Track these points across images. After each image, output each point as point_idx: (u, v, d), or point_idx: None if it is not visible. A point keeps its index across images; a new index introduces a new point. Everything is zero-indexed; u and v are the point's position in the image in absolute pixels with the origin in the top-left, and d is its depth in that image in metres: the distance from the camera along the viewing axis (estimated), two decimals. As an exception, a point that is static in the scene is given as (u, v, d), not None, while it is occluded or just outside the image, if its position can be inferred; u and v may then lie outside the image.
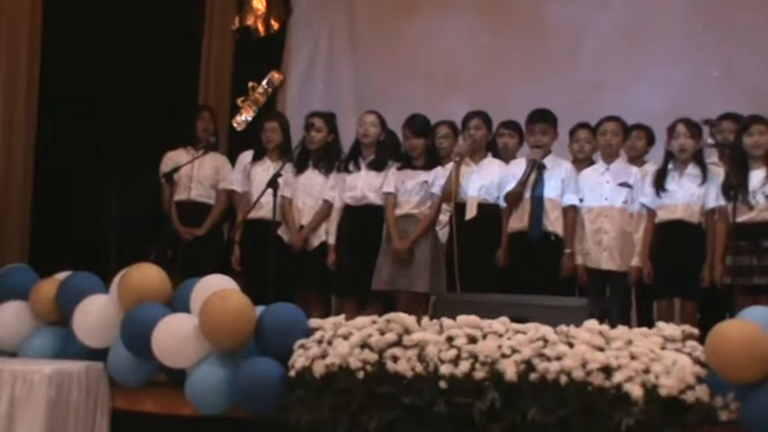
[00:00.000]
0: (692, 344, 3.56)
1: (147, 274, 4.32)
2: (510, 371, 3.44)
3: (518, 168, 5.35)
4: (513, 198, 5.27)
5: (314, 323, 3.94)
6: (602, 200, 5.35)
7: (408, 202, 5.38)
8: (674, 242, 5.06)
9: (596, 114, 5.65)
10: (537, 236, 5.20)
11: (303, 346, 3.82)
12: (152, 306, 4.18)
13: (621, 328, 3.62)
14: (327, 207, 5.61)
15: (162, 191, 5.96)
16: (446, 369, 3.51)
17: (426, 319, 3.80)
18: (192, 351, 4.00)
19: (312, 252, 5.59)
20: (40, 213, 6.62)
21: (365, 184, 5.50)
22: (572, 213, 5.30)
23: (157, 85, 6.78)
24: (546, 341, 3.51)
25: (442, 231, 5.52)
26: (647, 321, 4.98)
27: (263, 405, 3.84)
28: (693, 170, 5.11)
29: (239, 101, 7.55)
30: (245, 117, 7.52)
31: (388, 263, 5.30)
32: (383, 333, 3.69)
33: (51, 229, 6.51)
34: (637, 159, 5.65)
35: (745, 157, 4.92)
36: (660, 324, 3.73)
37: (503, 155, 5.61)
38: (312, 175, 5.69)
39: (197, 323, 3.99)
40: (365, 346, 3.66)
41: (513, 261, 5.26)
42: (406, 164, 5.48)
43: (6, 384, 3.83)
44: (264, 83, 7.60)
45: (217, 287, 4.09)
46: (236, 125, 7.51)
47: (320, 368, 3.67)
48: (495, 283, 5.08)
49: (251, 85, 7.59)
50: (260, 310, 4.05)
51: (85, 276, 4.56)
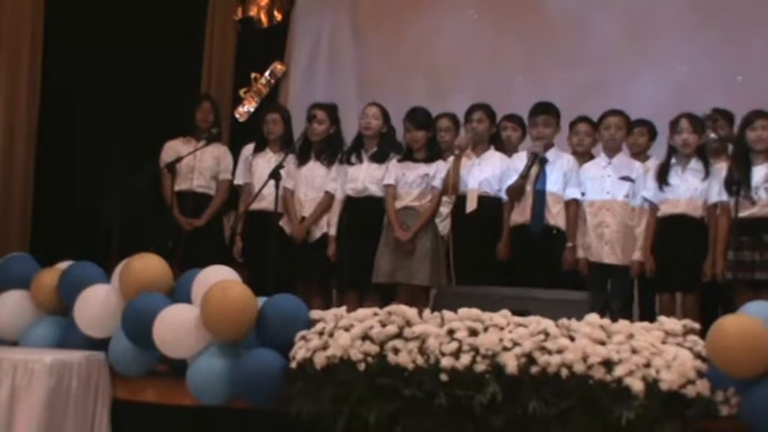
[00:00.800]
0: (693, 338, 3.57)
1: (149, 265, 4.32)
2: (511, 364, 3.44)
3: (520, 162, 5.35)
4: (515, 192, 5.28)
5: (315, 315, 3.94)
6: (603, 194, 5.35)
7: (409, 195, 5.37)
8: (676, 236, 5.05)
9: (599, 108, 5.62)
10: (538, 229, 5.21)
11: (304, 338, 3.82)
12: (153, 296, 4.18)
13: (623, 322, 3.63)
14: (329, 199, 5.60)
15: (162, 181, 5.96)
16: (447, 362, 3.51)
17: (427, 312, 3.80)
18: (193, 342, 4.00)
19: (313, 244, 5.58)
20: (42, 202, 6.64)
21: (367, 176, 5.50)
22: (574, 207, 5.31)
23: (160, 76, 6.76)
24: (547, 334, 3.51)
25: (444, 223, 5.52)
26: (648, 315, 4.99)
27: (263, 396, 3.84)
28: (696, 165, 5.10)
29: (241, 92, 7.53)
30: (247, 108, 7.50)
31: (387, 255, 5.29)
32: (384, 325, 3.69)
33: (53, 218, 6.52)
34: (639, 155, 5.64)
35: (747, 153, 4.91)
36: (661, 318, 3.74)
37: (506, 148, 5.61)
38: (314, 167, 5.67)
39: (198, 314, 3.98)
40: (366, 337, 3.66)
41: (515, 254, 5.27)
42: (408, 156, 5.47)
43: (7, 373, 3.83)
44: (267, 74, 7.58)
45: (218, 278, 4.08)
46: (238, 116, 7.49)
47: (321, 360, 3.67)
48: (496, 276, 5.09)
49: (253, 76, 7.56)
50: (261, 301, 4.05)
51: (87, 266, 4.56)
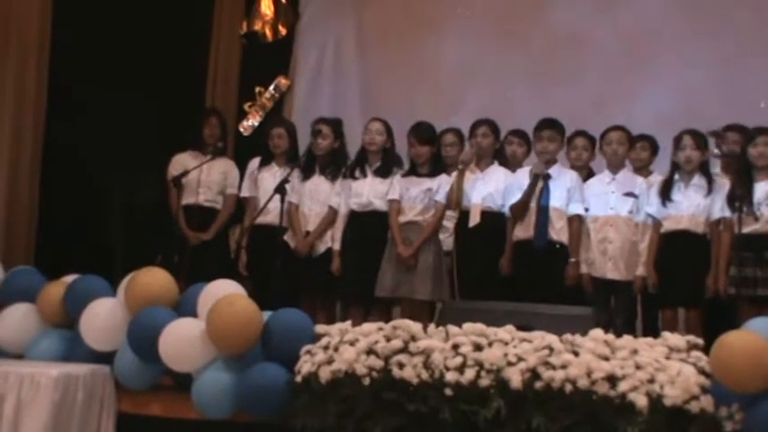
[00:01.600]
0: (696, 354, 3.58)
1: (155, 278, 4.34)
2: (515, 379, 3.46)
3: (524, 177, 5.37)
4: (519, 210, 5.29)
5: (320, 329, 3.96)
6: (607, 209, 5.36)
7: (412, 209, 5.38)
8: (679, 252, 5.06)
9: (602, 124, 5.64)
10: (542, 245, 5.22)
11: (309, 352, 3.83)
12: (159, 310, 4.20)
13: (626, 338, 3.64)
14: (333, 213, 5.62)
15: (169, 194, 5.97)
16: (452, 376, 3.53)
17: (432, 327, 3.80)
18: (199, 355, 4.01)
19: (318, 258, 5.59)
20: (48, 216, 6.65)
21: (371, 191, 5.51)
22: (577, 222, 5.32)
23: (165, 90, 6.80)
24: (551, 350, 3.52)
25: (450, 239, 5.53)
26: (652, 331, 5.00)
27: (268, 410, 3.85)
28: (699, 181, 5.11)
29: (246, 106, 7.57)
30: (251, 122, 7.53)
31: (390, 270, 5.30)
32: (389, 340, 3.70)
33: (58, 231, 6.53)
34: (642, 170, 5.64)
35: (750, 169, 4.93)
36: (665, 334, 3.74)
37: (510, 163, 5.62)
38: (319, 182, 5.69)
39: (204, 327, 4.00)
40: (371, 352, 3.68)
41: (519, 269, 5.27)
42: (412, 171, 5.50)
43: (13, 387, 3.85)
44: (272, 88, 7.62)
45: (224, 292, 4.10)
46: (242, 130, 7.52)
47: (326, 374, 3.68)
48: (499, 291, 5.08)
49: (258, 90, 7.60)
50: (266, 315, 4.06)
51: (93, 279, 4.58)
